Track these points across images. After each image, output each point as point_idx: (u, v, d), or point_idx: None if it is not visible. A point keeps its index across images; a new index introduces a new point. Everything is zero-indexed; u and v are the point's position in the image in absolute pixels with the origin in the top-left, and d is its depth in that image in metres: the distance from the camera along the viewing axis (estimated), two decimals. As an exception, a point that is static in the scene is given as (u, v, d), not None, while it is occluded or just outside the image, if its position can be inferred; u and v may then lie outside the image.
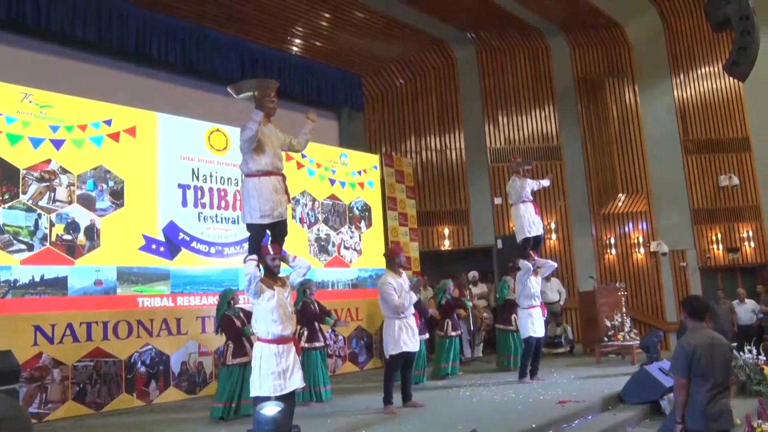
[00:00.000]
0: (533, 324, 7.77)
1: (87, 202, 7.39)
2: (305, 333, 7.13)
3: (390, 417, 5.96)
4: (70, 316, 7.00)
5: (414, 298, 6.49)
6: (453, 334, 8.81)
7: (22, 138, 6.95)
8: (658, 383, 6.49)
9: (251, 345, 6.44)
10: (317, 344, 7.13)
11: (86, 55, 9.06)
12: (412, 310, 6.52)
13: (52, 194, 7.11)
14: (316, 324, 7.20)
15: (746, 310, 11.00)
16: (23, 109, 6.99)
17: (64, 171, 7.25)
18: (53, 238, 7.05)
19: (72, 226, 7.22)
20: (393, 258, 6.59)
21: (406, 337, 6.31)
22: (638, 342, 9.21)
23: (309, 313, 7.16)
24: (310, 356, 6.95)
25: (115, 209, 7.64)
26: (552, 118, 13.20)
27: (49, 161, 7.13)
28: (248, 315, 6.71)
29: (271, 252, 4.96)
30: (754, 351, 7.48)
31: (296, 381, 4.80)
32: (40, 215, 6.99)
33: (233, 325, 6.47)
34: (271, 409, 4.01)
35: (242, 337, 6.46)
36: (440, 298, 8.98)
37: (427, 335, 8.49)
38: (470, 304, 9.11)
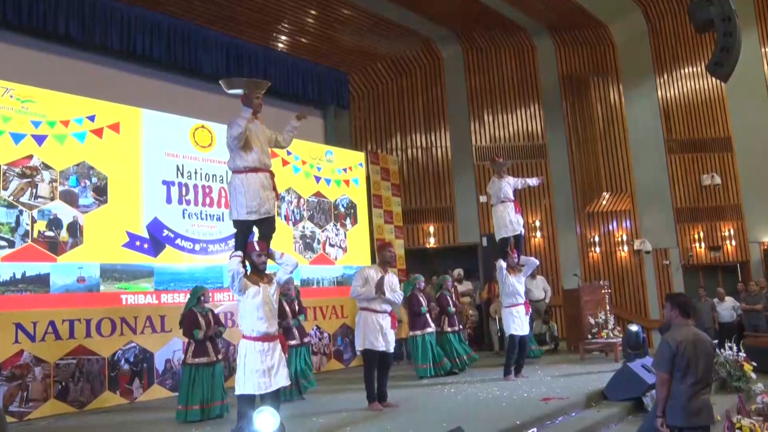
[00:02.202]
0: (515, 322, 7.81)
1: (70, 199, 7.32)
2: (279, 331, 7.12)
3: (375, 414, 5.96)
4: (53, 313, 6.93)
5: (393, 297, 6.34)
6: (448, 329, 8.87)
7: (2, 133, 6.86)
8: (641, 380, 6.55)
9: (215, 346, 6.35)
10: (291, 342, 7.01)
11: (69, 50, 8.94)
12: (388, 308, 6.35)
13: (34, 190, 7.03)
14: (290, 321, 7.13)
15: (726, 308, 11.13)
16: (4, 104, 6.90)
17: (47, 167, 7.16)
18: (35, 235, 6.97)
19: (54, 223, 7.15)
20: (381, 252, 6.56)
21: (372, 334, 6.15)
22: (620, 339, 9.29)
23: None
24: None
25: (98, 206, 7.57)
26: (537, 116, 13.27)
27: (30, 157, 7.04)
28: (216, 317, 6.62)
29: (257, 249, 4.93)
30: (734, 348, 7.58)
31: (281, 379, 4.78)
32: (21, 211, 6.90)
33: (193, 323, 6.22)
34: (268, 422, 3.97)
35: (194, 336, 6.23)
36: (436, 294, 9.06)
37: (431, 329, 8.49)
38: (453, 310, 9.17)
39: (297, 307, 7.28)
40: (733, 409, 5.43)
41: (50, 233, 7.10)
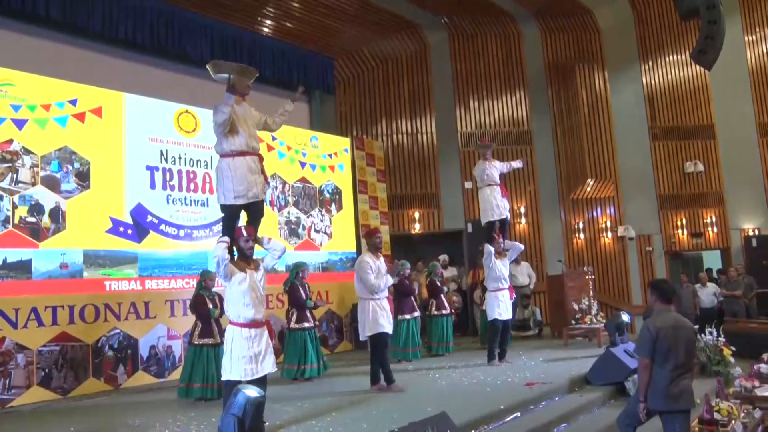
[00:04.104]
0: (499, 306, 7.89)
1: (52, 184, 7.22)
2: (294, 314, 7.34)
3: (360, 399, 6.00)
4: (35, 300, 6.86)
5: (390, 280, 6.62)
6: (436, 313, 9.14)
7: (-18, 117, 6.74)
8: (623, 365, 6.65)
9: (219, 328, 6.45)
10: (306, 324, 7.32)
11: (50, 32, 8.74)
12: (386, 293, 6.60)
13: (15, 175, 6.93)
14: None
15: (707, 294, 11.28)
16: (-17, 87, 6.77)
17: (27, 152, 7.05)
18: (16, 221, 6.88)
19: (36, 208, 7.05)
20: (371, 238, 6.65)
21: (381, 318, 6.38)
22: (604, 325, 9.39)
23: (294, 297, 7.39)
24: (299, 336, 7.22)
25: (81, 191, 7.48)
26: (523, 103, 13.28)
27: (10, 141, 6.93)
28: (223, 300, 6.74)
29: (245, 234, 4.89)
30: (715, 333, 7.70)
31: (268, 365, 4.78)
32: (1, 197, 6.80)
33: (204, 305, 6.49)
34: (251, 392, 4.09)
35: (210, 318, 6.46)
36: (427, 279, 9.28)
37: (418, 313, 8.74)
38: (447, 288, 9.46)
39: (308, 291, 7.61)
40: (713, 392, 5.52)
41: (32, 219, 7.01)
